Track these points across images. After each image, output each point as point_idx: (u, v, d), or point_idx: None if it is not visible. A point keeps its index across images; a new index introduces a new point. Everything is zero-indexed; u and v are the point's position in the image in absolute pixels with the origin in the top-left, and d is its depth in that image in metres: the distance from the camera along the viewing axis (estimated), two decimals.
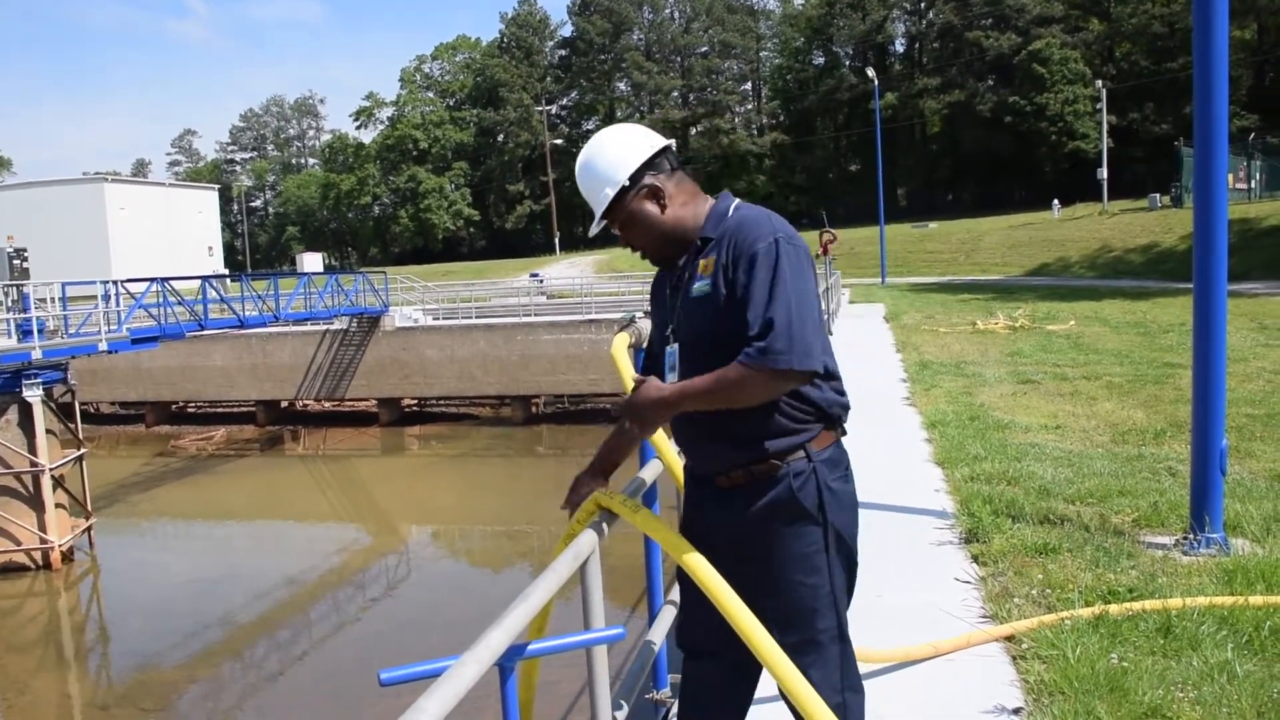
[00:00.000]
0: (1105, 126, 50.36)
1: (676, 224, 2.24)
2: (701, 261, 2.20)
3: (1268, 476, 5.94)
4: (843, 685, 2.20)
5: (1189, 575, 4.16)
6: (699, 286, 2.18)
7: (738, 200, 2.27)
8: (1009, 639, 3.63)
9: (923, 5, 73.70)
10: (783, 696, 2.15)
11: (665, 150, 2.26)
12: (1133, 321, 17.99)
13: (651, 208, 2.23)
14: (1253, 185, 40.86)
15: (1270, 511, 4.98)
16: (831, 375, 2.22)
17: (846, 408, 2.27)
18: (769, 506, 2.17)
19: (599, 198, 2.24)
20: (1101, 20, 64.58)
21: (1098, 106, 53.08)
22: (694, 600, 2.38)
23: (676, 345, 2.27)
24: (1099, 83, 51.45)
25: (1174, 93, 58.52)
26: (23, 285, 17.79)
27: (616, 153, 2.23)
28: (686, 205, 2.25)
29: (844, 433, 2.27)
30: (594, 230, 2.36)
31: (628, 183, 2.21)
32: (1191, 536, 4.57)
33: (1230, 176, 5.16)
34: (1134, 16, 61.22)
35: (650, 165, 2.23)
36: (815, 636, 2.17)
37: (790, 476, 2.14)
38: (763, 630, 2.01)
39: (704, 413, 2.17)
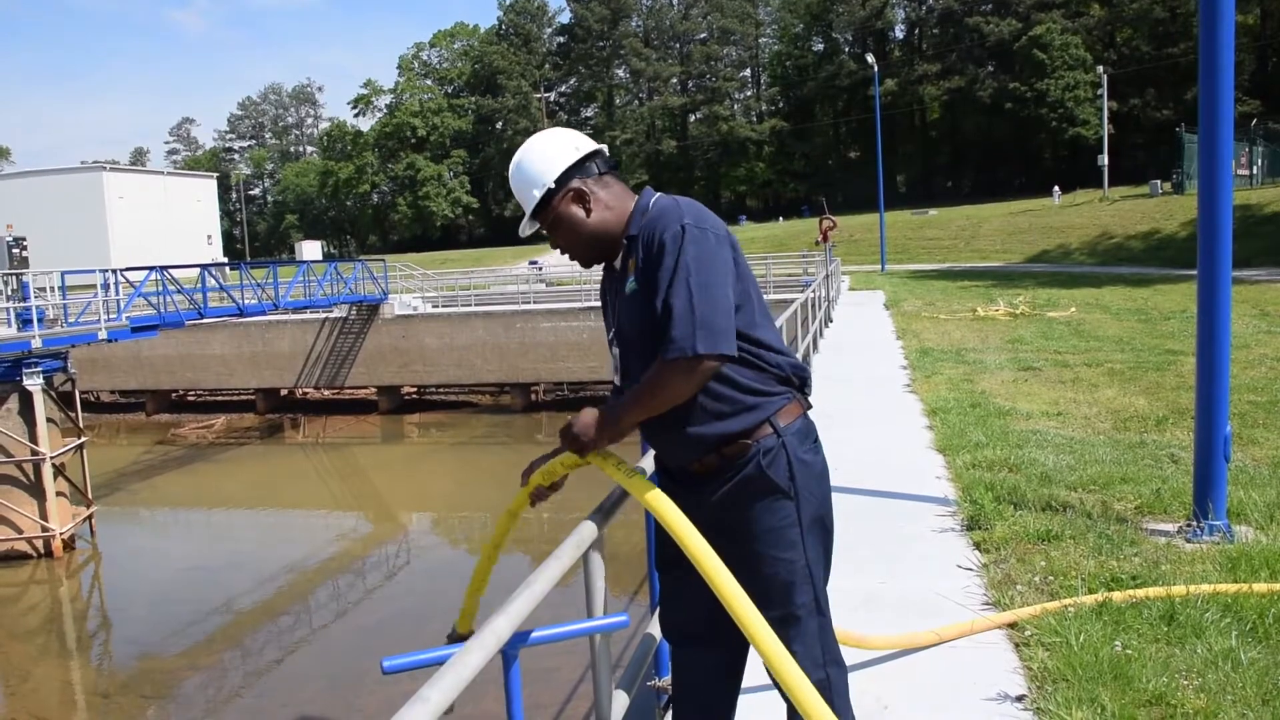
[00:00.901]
0: (1106, 112, 50.18)
1: (601, 227, 2.26)
2: (630, 261, 2.24)
3: (1271, 464, 5.93)
4: (825, 659, 2.21)
5: (1192, 562, 4.14)
6: (629, 285, 2.22)
7: (658, 194, 2.28)
8: (1012, 626, 3.62)
9: None
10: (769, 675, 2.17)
11: (595, 154, 2.29)
12: (1134, 308, 17.96)
13: (577, 211, 2.26)
14: (1255, 171, 40.76)
15: (1274, 499, 4.97)
16: (773, 348, 2.23)
17: (804, 369, 2.29)
18: (740, 484, 2.18)
19: (527, 199, 2.28)
20: (1102, 5, 64.29)
21: (1099, 92, 52.90)
22: (674, 589, 2.40)
23: (619, 349, 2.32)
24: (1100, 68, 51.25)
25: (1175, 78, 58.33)
26: (22, 274, 17.75)
27: (544, 156, 2.26)
28: (611, 209, 2.27)
29: (810, 405, 2.29)
30: (524, 230, 2.40)
31: (554, 185, 2.24)
32: (1195, 524, 4.56)
33: (1232, 162, 5.11)
34: (1135, 1, 60.95)
35: (578, 169, 2.25)
36: (794, 611, 2.18)
37: (760, 454, 2.16)
38: (751, 606, 1.98)
39: (674, 409, 2.18)
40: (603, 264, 2.37)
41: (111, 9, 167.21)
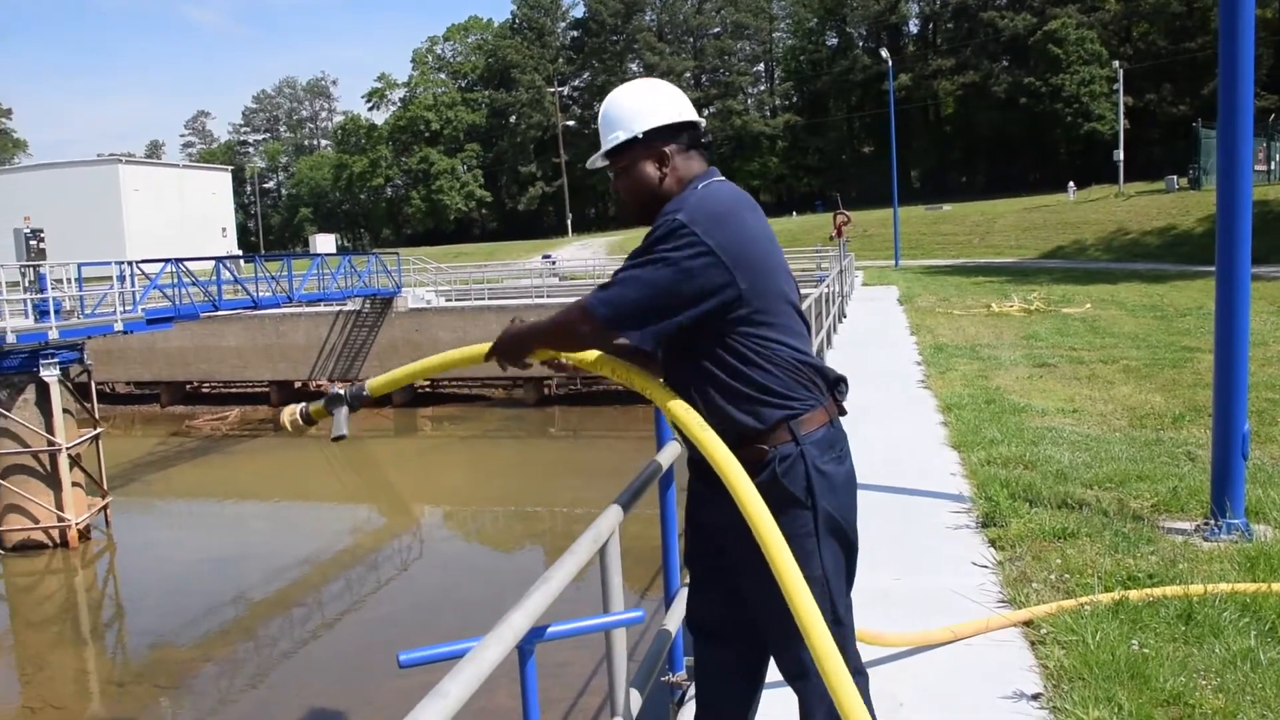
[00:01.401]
0: (1122, 108, 49.80)
1: (664, 194, 2.21)
2: None
3: None
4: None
5: (1210, 561, 4.11)
6: None
7: (714, 180, 2.20)
8: (1027, 624, 3.60)
9: None
10: (783, 671, 2.19)
11: (693, 125, 2.24)
12: (1149, 305, 17.85)
13: (652, 171, 2.22)
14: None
15: None
16: (794, 350, 2.14)
17: (831, 372, 2.20)
18: (758, 490, 2.11)
19: (609, 137, 2.24)
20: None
21: (1114, 87, 52.51)
22: (697, 580, 2.37)
23: None
24: (1116, 63, 50.85)
25: (1192, 73, 57.81)
26: (39, 266, 17.86)
27: (640, 105, 2.22)
28: (680, 181, 2.22)
29: (843, 411, 2.20)
30: (593, 162, 2.33)
31: (640, 136, 2.20)
32: (1212, 522, 4.53)
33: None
34: None
35: (671, 132, 2.20)
36: None
37: (776, 461, 2.09)
38: (786, 549, 1.94)
39: (688, 397, 2.14)
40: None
41: (126, 5, 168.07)
